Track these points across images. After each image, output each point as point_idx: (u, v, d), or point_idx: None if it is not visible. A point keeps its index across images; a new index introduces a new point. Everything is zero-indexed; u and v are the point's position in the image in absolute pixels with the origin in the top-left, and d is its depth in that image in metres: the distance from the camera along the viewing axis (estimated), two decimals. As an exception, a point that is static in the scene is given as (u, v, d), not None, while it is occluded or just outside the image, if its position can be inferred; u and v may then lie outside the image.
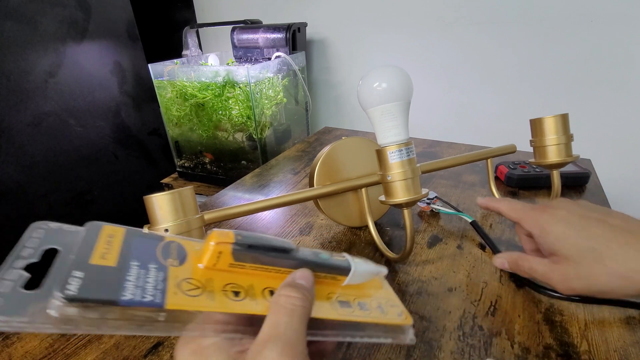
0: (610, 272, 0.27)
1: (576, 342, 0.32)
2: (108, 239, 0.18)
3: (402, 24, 0.96)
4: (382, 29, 0.99)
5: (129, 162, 1.05)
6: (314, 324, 0.19)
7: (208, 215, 0.35)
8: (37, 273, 0.17)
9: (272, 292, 0.20)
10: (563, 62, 0.83)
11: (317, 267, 0.21)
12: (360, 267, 0.23)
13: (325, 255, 0.22)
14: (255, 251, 0.19)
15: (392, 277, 0.40)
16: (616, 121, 0.83)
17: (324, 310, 0.20)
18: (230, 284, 0.19)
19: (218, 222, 0.52)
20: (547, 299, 0.36)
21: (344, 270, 0.22)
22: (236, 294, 0.18)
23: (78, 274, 0.15)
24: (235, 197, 0.62)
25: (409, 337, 0.22)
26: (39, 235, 0.18)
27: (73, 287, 0.14)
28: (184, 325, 0.17)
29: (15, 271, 0.16)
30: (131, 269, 0.17)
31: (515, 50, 0.87)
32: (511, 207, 0.36)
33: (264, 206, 0.38)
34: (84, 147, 0.93)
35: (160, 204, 0.29)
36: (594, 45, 0.79)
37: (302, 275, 0.20)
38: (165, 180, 1.04)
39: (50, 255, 0.17)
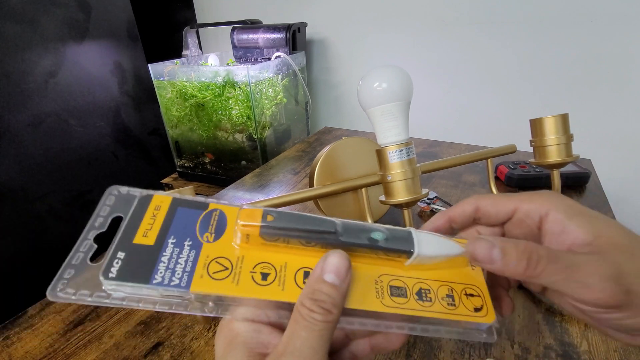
0: None
1: (576, 342, 0.32)
2: (154, 212, 0.19)
3: (402, 24, 0.96)
4: (382, 29, 0.99)
5: (129, 162, 1.05)
6: (353, 312, 0.18)
7: (208, 215, 0.35)
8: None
9: (307, 274, 0.18)
10: (563, 62, 0.83)
11: (368, 251, 0.19)
12: (427, 249, 0.19)
13: (379, 235, 0.19)
14: (288, 232, 0.18)
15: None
16: (616, 121, 0.83)
17: (365, 300, 0.18)
18: (262, 263, 0.18)
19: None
20: (547, 299, 0.36)
21: (404, 253, 0.19)
22: (264, 276, 0.18)
23: (120, 254, 0.17)
24: (235, 197, 0.62)
25: (484, 335, 0.19)
26: (110, 203, 0.19)
27: (114, 270, 0.16)
28: (218, 306, 0.18)
29: (87, 242, 0.18)
30: (166, 248, 0.18)
31: (515, 50, 0.87)
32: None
33: (264, 206, 0.38)
34: (84, 147, 0.93)
35: (160, 204, 0.29)
36: (594, 45, 0.79)
37: (333, 267, 0.18)
38: (165, 180, 1.04)
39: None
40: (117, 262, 0.17)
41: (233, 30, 1.00)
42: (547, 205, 0.20)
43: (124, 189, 0.19)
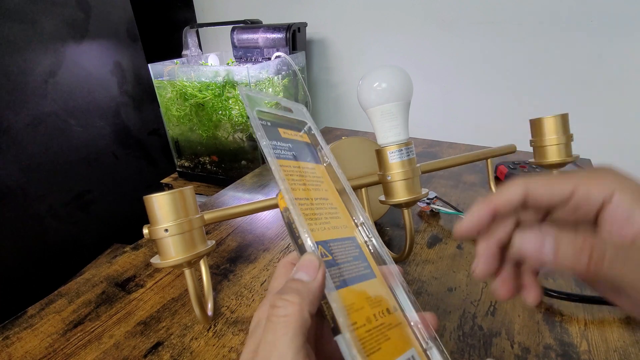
0: None
1: (576, 342, 0.32)
2: None
3: (402, 24, 0.96)
4: (382, 29, 0.99)
5: (129, 162, 1.05)
6: None
7: (208, 215, 0.35)
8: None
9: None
10: (563, 62, 0.83)
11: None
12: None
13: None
14: None
15: (392, 277, 0.40)
16: (616, 121, 0.83)
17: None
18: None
19: (218, 222, 0.52)
20: (547, 299, 0.36)
21: None
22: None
23: None
24: (235, 197, 0.62)
25: None
26: None
27: None
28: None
29: None
30: None
31: (515, 50, 0.87)
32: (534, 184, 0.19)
33: (264, 206, 0.38)
34: (84, 147, 0.93)
35: (160, 204, 0.29)
36: (594, 45, 0.79)
37: (302, 266, 0.18)
38: (165, 180, 1.04)
39: None
40: None
41: (233, 30, 1.00)
42: (612, 187, 0.17)
43: None
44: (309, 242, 0.19)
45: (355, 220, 0.25)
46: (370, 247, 0.24)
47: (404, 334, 0.20)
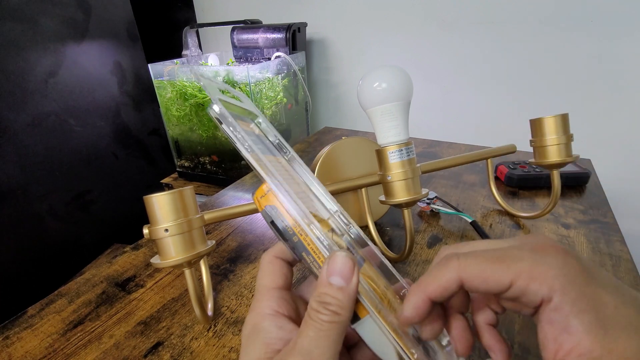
0: None
1: (576, 342, 0.32)
2: None
3: (402, 24, 0.96)
4: (382, 29, 0.99)
5: (129, 162, 1.05)
6: None
7: (208, 215, 0.35)
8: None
9: None
10: (563, 62, 0.83)
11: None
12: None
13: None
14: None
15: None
16: (616, 121, 0.83)
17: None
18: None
19: (218, 222, 0.52)
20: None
21: None
22: None
23: None
24: (235, 197, 0.62)
25: None
26: None
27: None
28: None
29: None
30: None
31: (515, 50, 0.87)
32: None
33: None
34: (84, 147, 0.93)
35: (160, 204, 0.29)
36: (594, 45, 0.79)
37: (336, 269, 0.17)
38: (165, 180, 1.04)
39: None
40: None
41: (233, 30, 1.00)
42: (553, 285, 0.15)
43: None
44: (332, 242, 0.19)
45: (330, 210, 0.23)
46: (352, 235, 0.23)
47: None
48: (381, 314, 0.18)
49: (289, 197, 0.19)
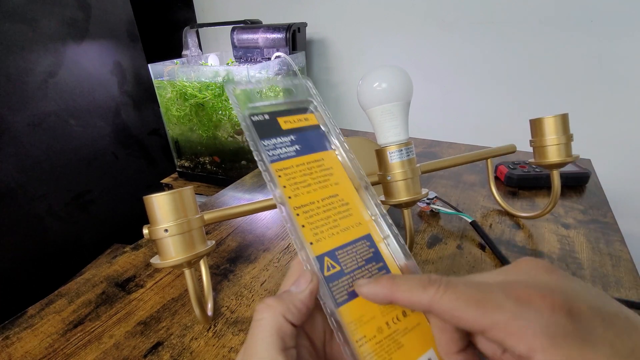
0: None
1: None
2: None
3: (402, 24, 0.96)
4: (382, 29, 0.99)
5: (129, 162, 1.05)
6: None
7: (208, 215, 0.35)
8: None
9: None
10: (563, 62, 0.83)
11: None
12: None
13: None
14: None
15: (392, 277, 0.40)
16: (616, 121, 0.83)
17: None
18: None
19: (218, 222, 0.52)
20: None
21: None
22: None
23: None
24: (235, 197, 0.62)
25: None
26: None
27: None
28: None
29: None
30: None
31: (515, 50, 0.87)
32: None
33: (264, 206, 0.38)
34: (84, 147, 0.93)
35: (160, 204, 0.29)
36: (594, 45, 0.79)
37: (293, 277, 0.20)
38: (165, 180, 1.04)
39: None
40: None
41: (233, 30, 1.00)
42: (532, 343, 0.14)
43: None
44: (307, 257, 0.20)
45: (371, 213, 0.23)
46: (389, 243, 0.22)
47: (422, 334, 0.19)
48: (361, 350, 0.18)
49: (288, 219, 0.21)
